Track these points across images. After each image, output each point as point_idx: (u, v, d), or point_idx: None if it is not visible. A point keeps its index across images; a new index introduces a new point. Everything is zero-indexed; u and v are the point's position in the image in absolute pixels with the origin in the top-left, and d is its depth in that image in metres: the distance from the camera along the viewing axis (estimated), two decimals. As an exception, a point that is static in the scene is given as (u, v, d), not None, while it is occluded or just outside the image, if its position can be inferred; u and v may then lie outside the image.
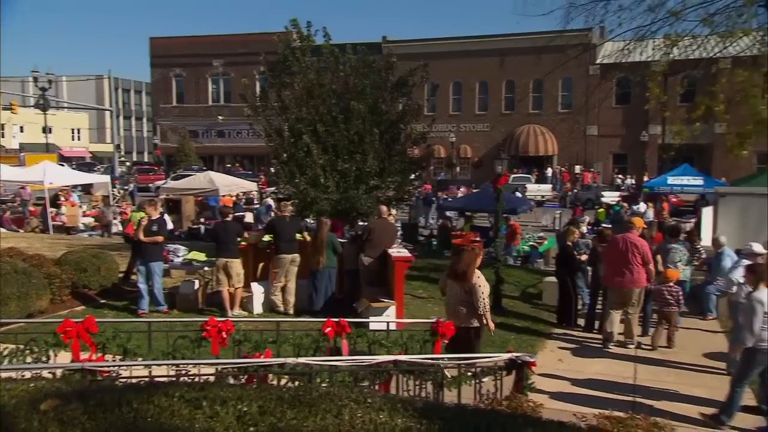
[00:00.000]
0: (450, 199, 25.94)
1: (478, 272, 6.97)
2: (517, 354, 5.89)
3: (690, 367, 8.04)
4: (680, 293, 8.92)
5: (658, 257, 9.31)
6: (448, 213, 21.02)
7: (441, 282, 7.62)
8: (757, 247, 8.06)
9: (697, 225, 17.11)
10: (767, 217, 13.40)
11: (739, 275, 7.73)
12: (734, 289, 7.75)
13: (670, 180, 26.64)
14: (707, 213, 16.65)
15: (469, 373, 5.53)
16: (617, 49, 13.35)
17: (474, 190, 30.55)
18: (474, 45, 42.92)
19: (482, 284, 6.93)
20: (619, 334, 8.99)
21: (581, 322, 10.00)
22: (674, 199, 27.85)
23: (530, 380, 5.67)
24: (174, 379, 4.60)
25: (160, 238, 9.85)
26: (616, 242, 9.00)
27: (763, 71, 11.14)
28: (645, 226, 10.34)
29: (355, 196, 12.70)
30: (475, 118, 44.69)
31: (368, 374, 5.29)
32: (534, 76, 37.96)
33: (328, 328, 5.92)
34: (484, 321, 6.93)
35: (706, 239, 14.00)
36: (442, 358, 5.82)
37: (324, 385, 4.80)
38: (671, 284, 8.94)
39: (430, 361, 5.71)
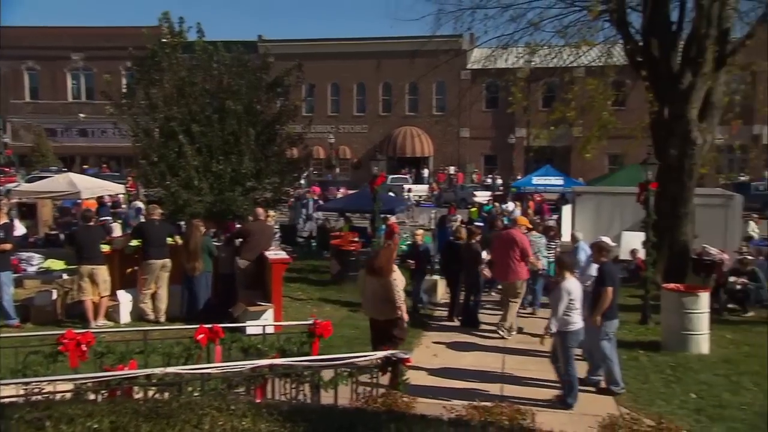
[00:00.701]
0: (318, 201, 25.88)
1: (394, 267, 7.27)
2: (393, 351, 6.02)
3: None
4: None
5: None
6: (322, 214, 21.13)
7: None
8: (606, 241, 8.79)
9: (558, 222, 18.44)
10: (618, 213, 14.74)
11: (593, 269, 8.40)
12: (589, 282, 8.40)
13: (535, 180, 28.48)
14: (566, 210, 17.94)
15: (345, 373, 5.56)
16: (484, 56, 14.05)
17: (351, 191, 30.82)
18: (351, 47, 43.31)
19: (398, 278, 7.23)
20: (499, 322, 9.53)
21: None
22: (538, 198, 29.79)
23: (405, 376, 5.81)
24: (25, 399, 4.22)
25: (7, 246, 9.01)
26: (500, 238, 9.67)
27: (609, 81, 12.23)
28: (529, 226, 11.07)
29: (231, 198, 12.37)
30: (353, 120, 45.10)
31: (243, 380, 5.18)
32: (409, 79, 38.95)
33: (201, 335, 5.71)
34: (400, 313, 7.19)
35: (565, 235, 15.11)
36: (319, 360, 5.81)
37: (195, 394, 4.63)
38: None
39: (307, 363, 5.68)
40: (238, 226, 11.79)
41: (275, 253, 10.21)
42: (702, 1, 10.89)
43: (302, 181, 37.90)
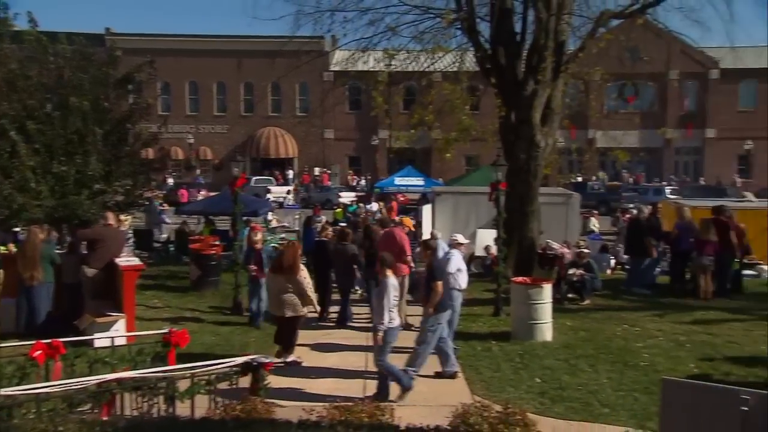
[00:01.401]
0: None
1: (301, 264, 7.79)
2: (253, 356, 5.90)
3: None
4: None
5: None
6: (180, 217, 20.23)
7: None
8: (460, 238, 9.26)
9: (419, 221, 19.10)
10: (474, 211, 15.56)
11: (450, 265, 8.78)
12: (449, 279, 8.77)
13: (397, 181, 29.34)
14: (427, 210, 18.63)
15: (203, 382, 5.36)
16: (345, 58, 14.20)
17: (212, 194, 29.78)
18: (209, 44, 41.84)
19: (306, 275, 7.82)
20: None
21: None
22: (402, 198, 30.67)
23: (266, 381, 5.71)
24: None
25: None
26: (383, 236, 10.10)
27: (463, 86, 12.88)
28: (413, 226, 11.41)
29: (77, 201, 11.45)
30: (214, 120, 43.62)
31: (87, 398, 4.80)
32: (271, 79, 38.40)
33: (38, 352, 5.22)
34: (311, 309, 7.92)
35: (426, 234, 15.68)
36: (174, 370, 5.55)
37: (31, 416, 4.22)
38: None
39: (161, 374, 5.40)
40: (84, 230, 10.94)
41: (127, 259, 9.60)
42: (541, 15, 11.82)
43: (170, 182, 36.19)
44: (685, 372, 7.70)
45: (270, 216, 22.75)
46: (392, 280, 6.92)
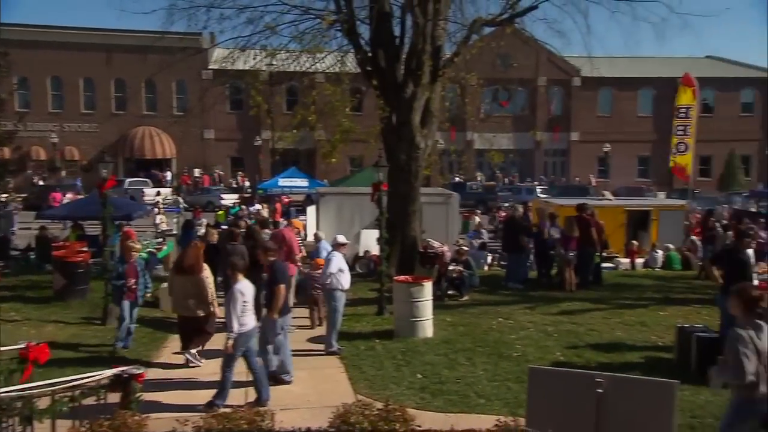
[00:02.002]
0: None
1: (204, 265, 7.77)
2: (123, 368, 5.57)
3: (296, 353, 8.78)
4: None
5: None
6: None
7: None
8: (341, 239, 9.32)
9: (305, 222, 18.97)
10: (358, 212, 15.67)
11: (332, 266, 8.80)
12: (328, 279, 8.79)
13: (281, 182, 28.91)
14: (311, 211, 18.53)
15: (66, 399, 4.97)
16: (224, 56, 13.79)
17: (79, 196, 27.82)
18: (74, 37, 38.91)
19: (208, 275, 7.92)
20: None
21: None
22: (286, 200, 30.29)
23: (138, 394, 5.41)
24: None
25: None
26: (272, 237, 10.25)
27: (344, 87, 12.96)
28: (300, 228, 11.36)
29: None
30: (81, 118, 40.63)
31: None
32: (146, 76, 36.43)
33: None
34: (212, 308, 7.93)
35: (311, 235, 15.59)
36: (32, 387, 5.10)
37: None
38: (319, 271, 9.81)
39: (16, 393, 4.94)
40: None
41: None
42: (418, 20, 12.16)
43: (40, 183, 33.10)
44: (552, 360, 8.24)
45: (158, 219, 21.69)
46: (241, 286, 6.68)
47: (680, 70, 23.90)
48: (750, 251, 9.69)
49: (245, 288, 6.70)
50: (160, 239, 19.22)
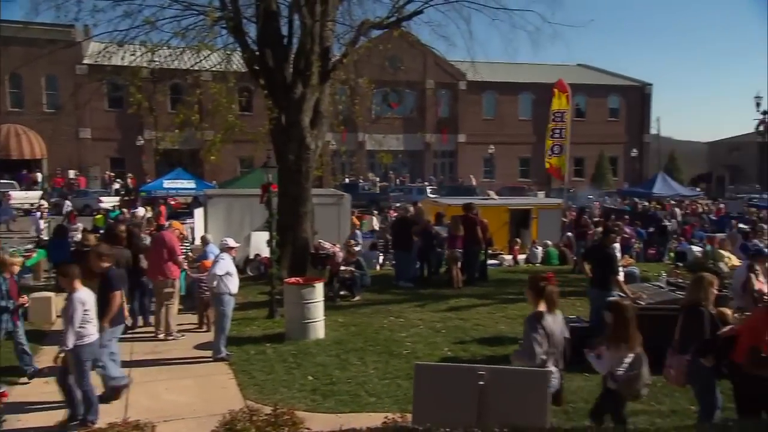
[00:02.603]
0: None
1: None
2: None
3: (182, 361, 8.48)
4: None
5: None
6: None
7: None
8: (231, 242, 9.09)
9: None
10: (248, 214, 15.33)
11: (219, 269, 8.55)
12: (215, 282, 8.53)
13: (166, 184, 27.74)
14: (199, 214, 17.92)
15: None
16: (100, 50, 12.97)
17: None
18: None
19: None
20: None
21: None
22: (173, 202, 29.06)
23: (3, 418, 4.98)
24: None
25: None
26: (152, 240, 10.05)
27: (231, 86, 12.60)
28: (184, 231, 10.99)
29: None
30: (-66, 113, 36.75)
31: None
32: (10, 69, 33.53)
33: None
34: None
35: (198, 239, 15.06)
36: None
37: None
38: (206, 274, 9.54)
39: None
40: None
41: None
42: (305, 20, 12.08)
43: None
44: (441, 356, 8.50)
45: (42, 225, 20.09)
46: (80, 294, 6.11)
47: (555, 77, 25.45)
48: (616, 246, 10.49)
49: (85, 296, 6.15)
50: (30, 246, 17.81)
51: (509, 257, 17.62)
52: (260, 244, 14.24)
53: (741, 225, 18.41)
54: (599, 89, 49.55)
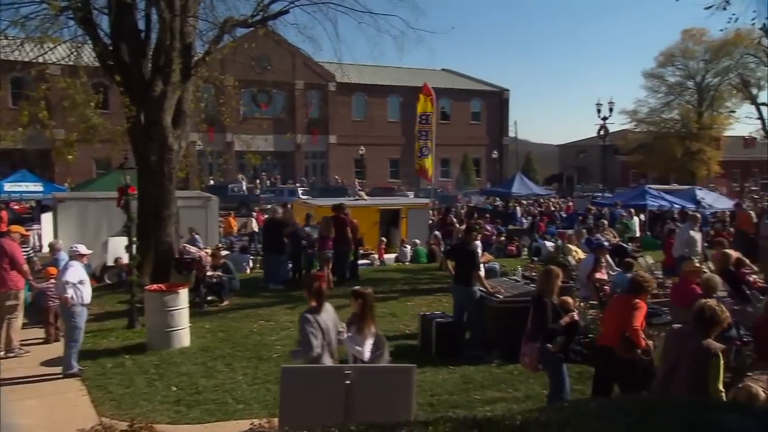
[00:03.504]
0: None
1: None
2: None
3: (27, 380, 7.75)
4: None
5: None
6: None
7: None
8: (82, 248, 8.44)
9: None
10: (105, 219, 14.33)
11: (69, 277, 7.92)
12: (65, 289, 7.89)
13: (8, 187, 25.16)
14: (47, 219, 16.50)
15: None
16: None
17: None
18: None
19: None
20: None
21: None
22: (17, 207, 26.46)
23: None
24: None
25: None
26: None
27: (83, 81, 11.69)
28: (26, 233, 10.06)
29: None
30: None
31: None
32: None
33: None
34: None
35: (45, 246, 13.86)
36: None
37: None
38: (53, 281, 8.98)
39: None
40: None
41: None
42: (164, 15, 11.49)
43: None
44: (311, 357, 8.47)
45: None
46: None
47: (421, 80, 26.31)
48: (478, 243, 11.05)
49: None
50: None
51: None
52: (119, 249, 13.37)
53: (589, 221, 20.14)
54: (462, 93, 51.99)
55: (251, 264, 17.00)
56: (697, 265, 9.17)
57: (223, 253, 13.00)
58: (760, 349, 6.57)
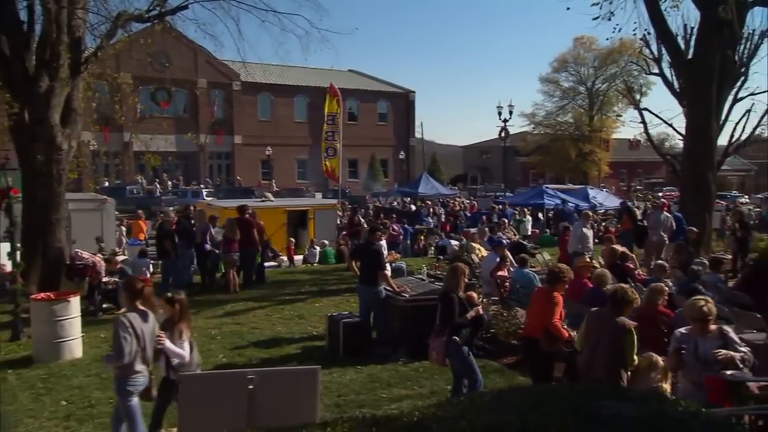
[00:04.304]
0: None
1: None
2: None
3: None
4: None
5: None
6: None
7: None
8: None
9: None
10: None
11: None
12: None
13: None
14: None
15: None
16: None
17: None
18: None
19: None
20: None
21: None
22: None
23: None
24: None
25: None
26: None
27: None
28: None
29: None
30: None
31: None
32: None
33: None
34: None
35: None
36: None
37: None
38: None
39: None
40: None
41: None
42: (48, 6, 10.77)
43: None
44: (215, 363, 8.24)
45: None
46: None
47: (327, 81, 26.30)
48: (383, 242, 11.15)
49: None
50: None
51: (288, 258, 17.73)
52: (1, 256, 12.45)
53: (495, 220, 20.82)
54: (369, 94, 52.39)
55: (151, 269, 16.28)
56: (588, 260, 9.70)
57: (120, 258, 12.36)
58: (643, 337, 7.09)
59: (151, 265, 16.35)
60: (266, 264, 15.08)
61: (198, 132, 41.59)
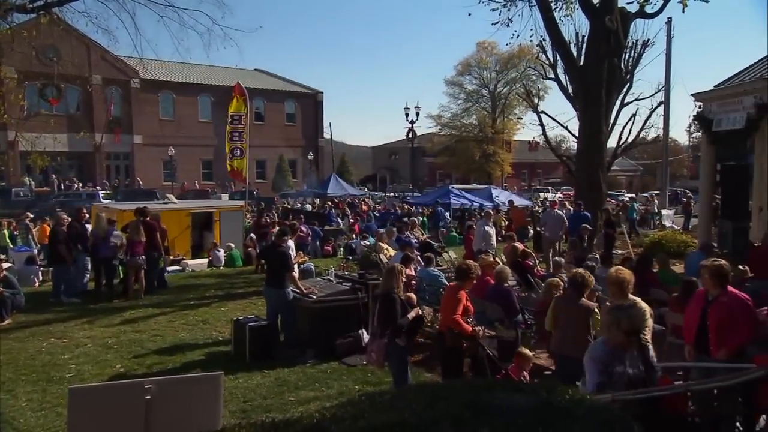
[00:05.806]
0: None
1: None
2: None
3: None
4: None
5: None
6: None
7: None
8: None
9: None
10: None
11: None
12: None
13: None
14: None
15: None
16: None
17: None
18: None
19: None
20: None
21: None
22: None
23: None
24: None
25: None
26: None
27: None
28: None
29: None
30: None
31: None
32: None
33: None
34: None
35: None
36: None
37: None
38: None
39: None
40: None
41: None
42: None
43: None
44: (112, 374, 7.84)
45: None
46: None
47: (233, 80, 25.67)
48: (291, 243, 11.02)
49: None
50: None
51: (192, 262, 17.12)
52: None
53: (404, 220, 21.12)
54: (276, 94, 51.65)
55: (41, 276, 15.23)
56: (491, 258, 10.04)
57: (5, 265, 11.48)
58: (541, 330, 7.46)
59: (40, 273, 15.36)
60: (168, 268, 14.53)
61: (93, 131, 39.40)
